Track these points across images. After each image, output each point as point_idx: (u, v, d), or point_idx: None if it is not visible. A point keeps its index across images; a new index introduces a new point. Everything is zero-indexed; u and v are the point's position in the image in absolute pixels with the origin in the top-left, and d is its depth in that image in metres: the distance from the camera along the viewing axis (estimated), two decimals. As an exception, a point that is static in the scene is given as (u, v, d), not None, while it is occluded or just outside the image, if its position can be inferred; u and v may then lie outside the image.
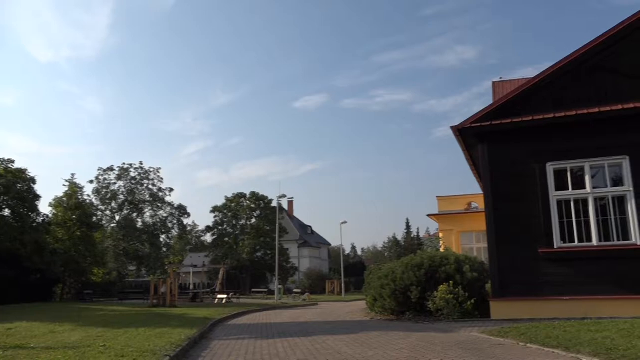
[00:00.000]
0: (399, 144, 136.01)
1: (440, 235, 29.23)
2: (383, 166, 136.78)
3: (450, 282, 12.90)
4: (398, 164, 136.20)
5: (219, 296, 30.80)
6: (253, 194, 55.65)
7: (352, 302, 30.67)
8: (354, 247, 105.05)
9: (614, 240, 11.73)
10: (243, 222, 55.50)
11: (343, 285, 47.72)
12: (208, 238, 58.58)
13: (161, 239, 50.62)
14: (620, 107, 11.90)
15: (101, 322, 13.06)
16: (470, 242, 26.74)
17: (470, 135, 13.34)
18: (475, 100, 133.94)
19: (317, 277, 56.64)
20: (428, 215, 30.35)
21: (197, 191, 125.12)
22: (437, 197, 29.69)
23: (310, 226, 77.69)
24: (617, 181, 12.04)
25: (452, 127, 13.26)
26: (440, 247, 26.32)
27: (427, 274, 13.52)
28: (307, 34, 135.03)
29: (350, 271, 60.29)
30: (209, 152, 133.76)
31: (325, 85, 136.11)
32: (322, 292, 50.32)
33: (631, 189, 11.69)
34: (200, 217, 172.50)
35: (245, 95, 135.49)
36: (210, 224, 55.62)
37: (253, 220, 55.23)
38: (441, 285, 12.89)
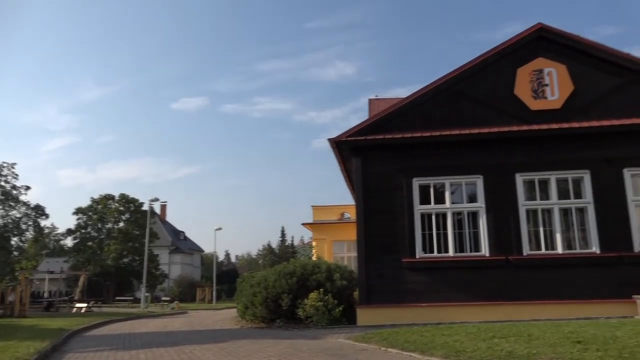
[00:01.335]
0: (279, 152, 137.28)
1: (314, 243, 29.92)
2: (261, 173, 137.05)
3: (321, 289, 13.20)
4: (277, 172, 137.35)
5: (78, 305, 28.61)
6: (122, 196, 52.61)
7: (223, 310, 30.15)
8: (227, 254, 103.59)
9: (467, 252, 12.89)
10: (110, 225, 52.16)
11: (215, 293, 46.83)
12: (69, 242, 54.10)
13: (12, 242, 45.78)
14: (477, 131, 13.17)
15: None
16: (342, 251, 27.68)
17: (346, 148, 13.87)
18: (352, 114, 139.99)
19: (188, 284, 54.84)
20: (303, 224, 30.95)
21: (59, 191, 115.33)
22: (312, 206, 30.40)
23: (183, 232, 75.27)
24: (472, 198, 13.26)
25: (329, 139, 13.69)
26: (313, 255, 26.94)
27: (298, 282, 13.72)
28: (189, 35, 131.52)
29: (223, 278, 59.30)
30: (75, 150, 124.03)
31: (206, 88, 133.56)
32: (193, 300, 48.90)
33: (483, 205, 12.94)
34: (61, 219, 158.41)
35: (119, 92, 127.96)
36: (72, 227, 51.55)
37: (121, 224, 52.13)
38: (312, 293, 13.15)
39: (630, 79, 13.21)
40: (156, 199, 39.37)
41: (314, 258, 23.87)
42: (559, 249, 12.56)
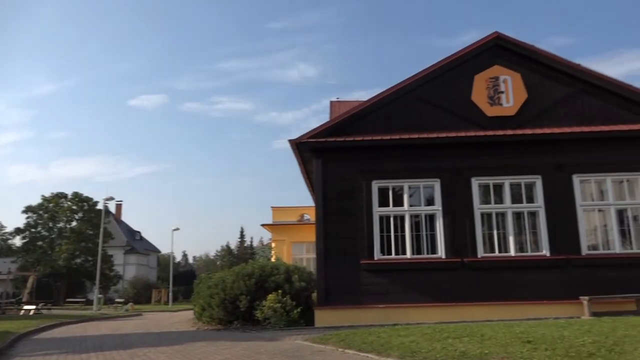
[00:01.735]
0: (239, 152, 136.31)
1: (273, 245, 29.81)
2: (221, 173, 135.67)
3: (279, 291, 13.15)
4: (237, 172, 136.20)
5: (26, 307, 27.53)
6: (76, 194, 50.94)
7: (180, 312, 29.66)
8: (185, 255, 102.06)
9: (424, 254, 13.11)
10: (62, 224, 50.42)
11: (171, 294, 46.01)
12: (17, 241, 51.93)
13: (-44, 241, 43.69)
14: (435, 135, 13.42)
15: None
16: (301, 252, 27.66)
17: (307, 149, 13.88)
18: (313, 116, 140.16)
19: (143, 285, 53.65)
20: (262, 225, 30.76)
21: (8, 188, 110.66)
22: (272, 207, 30.26)
23: (139, 232, 73.59)
24: (430, 201, 13.50)
25: (289, 141, 13.65)
26: (272, 256, 26.83)
27: (257, 283, 13.62)
28: (150, 31, 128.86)
29: (180, 280, 58.32)
30: (26, 145, 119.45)
31: (165, 86, 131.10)
32: (148, 302, 47.94)
33: (440, 208, 13.19)
34: (10, 218, 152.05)
35: (74, 86, 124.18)
36: (21, 226, 49.57)
37: (74, 223, 50.48)
38: (270, 294, 13.08)
39: (580, 89, 13.75)
40: (111, 198, 38.26)
41: (273, 259, 23.78)
42: (512, 252, 12.94)
